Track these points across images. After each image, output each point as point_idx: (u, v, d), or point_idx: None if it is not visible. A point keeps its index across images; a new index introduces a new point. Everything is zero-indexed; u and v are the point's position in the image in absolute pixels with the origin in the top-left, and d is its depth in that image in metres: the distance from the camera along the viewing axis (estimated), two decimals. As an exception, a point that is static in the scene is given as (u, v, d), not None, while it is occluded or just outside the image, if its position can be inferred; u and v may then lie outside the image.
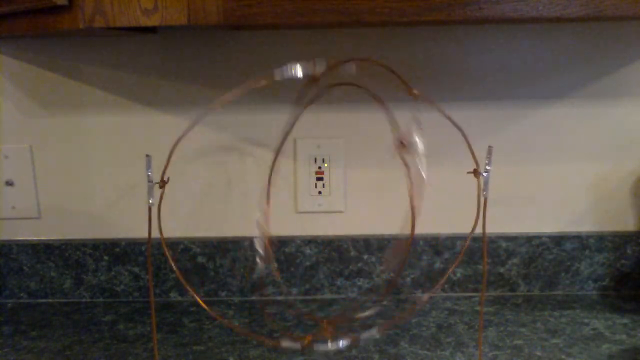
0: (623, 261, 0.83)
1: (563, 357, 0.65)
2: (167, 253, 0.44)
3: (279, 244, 0.81)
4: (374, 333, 0.41)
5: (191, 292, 0.43)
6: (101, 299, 0.84)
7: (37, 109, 0.80)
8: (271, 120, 0.80)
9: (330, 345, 0.39)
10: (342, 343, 0.39)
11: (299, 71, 0.44)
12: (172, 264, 0.44)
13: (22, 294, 0.84)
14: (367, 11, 0.53)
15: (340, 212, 0.83)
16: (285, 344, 0.40)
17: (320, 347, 0.39)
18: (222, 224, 0.83)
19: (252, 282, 0.83)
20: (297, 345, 0.39)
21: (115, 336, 0.73)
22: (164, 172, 0.55)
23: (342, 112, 0.80)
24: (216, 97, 0.79)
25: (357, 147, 0.81)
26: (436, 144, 0.81)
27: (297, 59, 0.78)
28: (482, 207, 0.55)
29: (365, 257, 0.82)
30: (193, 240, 0.82)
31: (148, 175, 0.53)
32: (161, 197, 0.56)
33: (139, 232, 0.83)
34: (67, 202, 0.83)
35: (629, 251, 0.82)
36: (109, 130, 0.80)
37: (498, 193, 0.82)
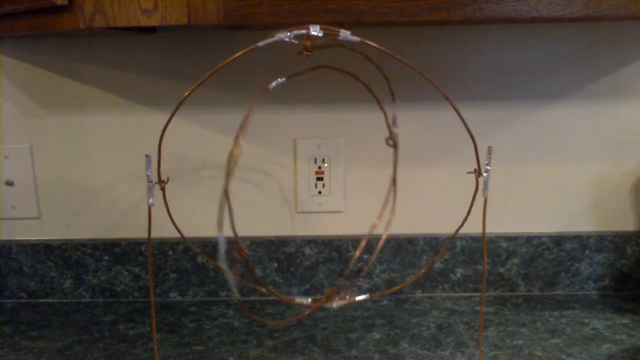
0: (623, 261, 0.83)
1: (563, 357, 0.65)
2: (190, 246, 0.44)
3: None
4: (366, 297, 0.45)
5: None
6: (101, 299, 0.84)
7: (37, 109, 0.80)
8: (271, 120, 0.80)
9: (335, 304, 0.44)
10: (341, 302, 0.43)
11: (289, 36, 0.44)
12: (208, 260, 0.44)
13: (22, 294, 0.84)
14: (367, 11, 0.53)
15: (340, 212, 0.83)
16: (298, 300, 0.43)
17: (330, 304, 0.44)
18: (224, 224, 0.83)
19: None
20: (307, 302, 0.43)
21: (115, 336, 0.73)
22: (158, 169, 0.55)
23: (342, 112, 0.80)
24: (215, 97, 0.79)
25: (357, 147, 0.81)
26: (436, 144, 0.81)
27: (296, 58, 0.78)
28: (479, 207, 0.55)
29: (366, 257, 0.82)
30: (193, 240, 0.82)
31: (148, 175, 0.53)
32: (165, 199, 0.56)
33: (139, 232, 0.83)
34: (67, 202, 0.83)
35: (629, 251, 0.82)
36: (109, 130, 0.80)
37: (498, 193, 0.82)
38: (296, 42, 0.44)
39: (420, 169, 0.82)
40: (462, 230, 0.83)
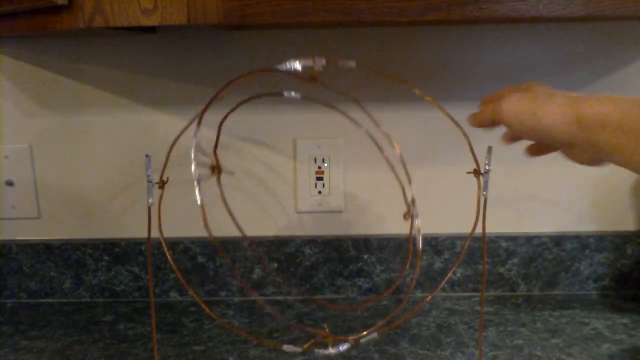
0: (623, 261, 0.83)
1: (563, 357, 0.65)
2: (168, 254, 0.45)
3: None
4: (374, 336, 0.42)
5: (192, 292, 0.43)
6: (101, 299, 0.84)
7: (37, 109, 0.80)
8: (271, 120, 0.80)
9: (331, 349, 0.39)
10: (342, 347, 0.40)
11: (297, 66, 0.46)
12: (173, 265, 0.44)
13: (22, 294, 0.84)
14: (367, 11, 0.53)
15: (340, 212, 0.83)
16: (287, 347, 0.40)
17: (321, 352, 0.39)
18: (222, 224, 0.83)
19: (252, 281, 0.83)
20: (297, 349, 0.40)
21: (115, 336, 0.73)
22: (163, 171, 0.55)
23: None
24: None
25: (357, 147, 0.81)
26: (436, 144, 0.81)
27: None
28: (482, 207, 0.55)
29: (365, 257, 0.82)
30: (193, 240, 0.82)
31: (148, 176, 0.53)
32: (161, 198, 0.56)
33: (139, 232, 0.83)
34: (67, 202, 0.83)
35: (629, 251, 0.82)
36: (109, 130, 0.80)
37: (498, 193, 0.82)
38: (303, 73, 0.46)
39: (420, 169, 0.82)
40: (463, 230, 0.83)
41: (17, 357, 0.68)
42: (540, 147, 0.54)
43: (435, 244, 0.82)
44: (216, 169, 0.45)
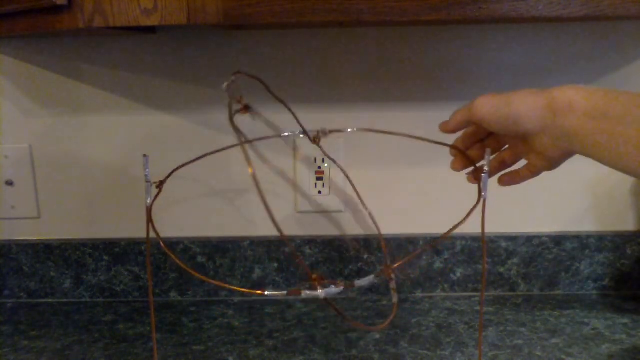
0: (623, 261, 0.83)
1: (563, 357, 0.65)
2: (165, 248, 0.45)
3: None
4: (370, 279, 0.38)
5: (184, 267, 0.43)
6: (101, 299, 0.84)
7: (37, 109, 0.80)
8: (271, 120, 0.80)
9: (320, 292, 0.35)
10: (333, 289, 0.36)
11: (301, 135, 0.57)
12: (176, 260, 0.44)
13: (22, 294, 0.84)
14: (367, 11, 0.53)
15: (340, 212, 0.83)
16: (269, 293, 0.37)
17: (308, 292, 0.36)
18: (222, 224, 0.83)
19: (252, 282, 0.83)
20: (282, 293, 0.37)
21: (115, 336, 0.73)
22: (167, 178, 0.55)
23: (342, 112, 0.80)
24: (215, 97, 0.79)
25: (357, 147, 0.81)
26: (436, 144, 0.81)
27: (296, 58, 0.78)
28: (480, 206, 0.55)
29: (365, 257, 0.82)
30: (193, 240, 0.82)
31: (146, 175, 0.53)
32: (155, 198, 0.56)
33: (139, 232, 0.83)
34: (67, 202, 0.83)
35: (629, 251, 0.82)
36: (109, 130, 0.80)
37: (498, 193, 0.82)
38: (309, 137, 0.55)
39: (420, 169, 0.82)
40: (462, 230, 0.82)
41: (17, 357, 0.68)
42: (512, 175, 0.58)
43: (435, 244, 0.82)
44: (246, 106, 0.55)
